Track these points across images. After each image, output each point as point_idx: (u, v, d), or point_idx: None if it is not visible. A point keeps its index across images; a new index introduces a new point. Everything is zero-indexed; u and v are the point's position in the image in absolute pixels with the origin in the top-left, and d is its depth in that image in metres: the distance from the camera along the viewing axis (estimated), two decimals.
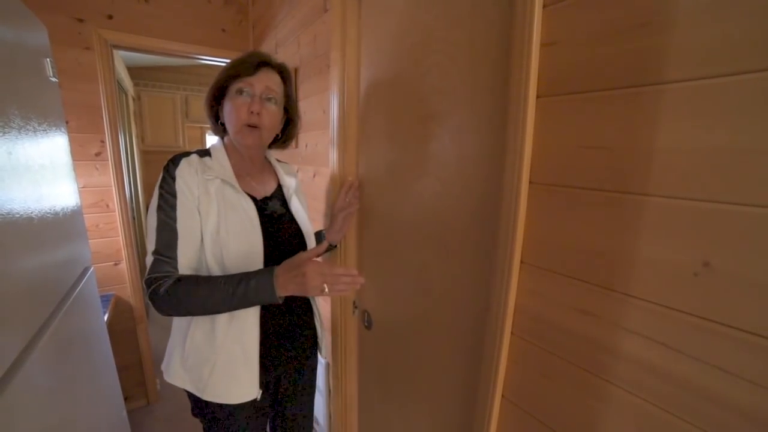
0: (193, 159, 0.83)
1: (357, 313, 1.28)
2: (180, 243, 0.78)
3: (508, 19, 0.57)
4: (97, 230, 1.72)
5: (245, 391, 0.85)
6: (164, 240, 0.77)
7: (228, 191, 0.83)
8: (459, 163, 0.74)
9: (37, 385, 0.62)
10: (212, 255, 0.81)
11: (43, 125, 0.80)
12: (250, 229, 0.83)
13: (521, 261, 0.58)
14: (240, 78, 0.83)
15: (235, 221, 0.82)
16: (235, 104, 0.83)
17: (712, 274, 0.37)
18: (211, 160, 0.86)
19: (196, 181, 0.80)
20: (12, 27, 0.70)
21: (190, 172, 0.80)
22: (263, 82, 0.85)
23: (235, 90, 0.83)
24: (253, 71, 0.84)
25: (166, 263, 0.77)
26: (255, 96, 0.84)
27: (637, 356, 0.44)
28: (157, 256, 0.77)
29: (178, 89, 3.72)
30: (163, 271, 0.76)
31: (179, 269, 0.78)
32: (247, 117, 0.83)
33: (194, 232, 0.79)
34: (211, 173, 0.83)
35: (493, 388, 0.63)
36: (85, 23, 1.55)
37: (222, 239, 0.80)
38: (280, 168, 1.01)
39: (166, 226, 0.77)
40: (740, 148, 0.35)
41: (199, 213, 0.80)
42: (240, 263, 0.82)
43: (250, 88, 0.83)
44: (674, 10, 0.38)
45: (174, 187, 0.78)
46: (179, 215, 0.78)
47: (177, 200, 0.78)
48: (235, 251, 0.81)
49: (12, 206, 0.60)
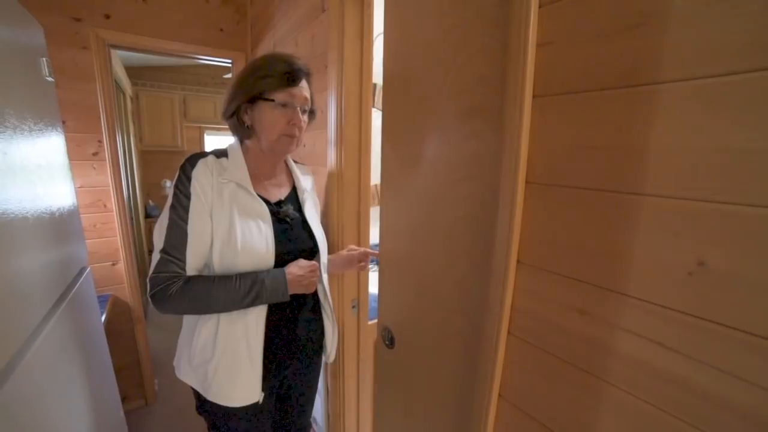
0: (210, 160, 0.83)
1: (355, 313, 1.28)
2: (189, 245, 0.78)
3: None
4: (95, 230, 1.71)
5: (248, 393, 0.85)
6: (173, 240, 0.77)
7: (242, 195, 0.84)
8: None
9: (33, 385, 0.62)
10: (221, 259, 0.81)
11: (38, 125, 0.80)
12: (261, 236, 0.84)
13: (518, 261, 0.58)
14: (282, 89, 0.82)
15: (247, 227, 0.82)
16: (277, 115, 0.83)
17: (707, 274, 0.37)
18: (228, 162, 0.86)
19: (210, 184, 0.80)
20: (8, 26, 0.70)
21: (206, 175, 0.81)
22: (303, 94, 0.86)
23: (278, 101, 0.82)
24: (297, 83, 0.84)
25: (173, 263, 0.77)
26: (296, 108, 0.85)
27: (633, 355, 0.44)
28: (165, 255, 0.77)
29: (176, 89, 3.72)
30: (169, 271, 0.77)
31: (187, 270, 0.79)
32: (288, 128, 0.84)
33: (204, 236, 0.79)
34: (227, 176, 0.83)
35: (490, 388, 0.63)
36: (82, 23, 1.54)
37: (233, 246, 0.80)
38: (296, 169, 1.01)
39: (177, 227, 0.78)
40: (734, 147, 0.35)
41: (211, 217, 0.80)
42: (249, 269, 0.83)
43: (293, 99, 0.84)
44: (668, 10, 0.38)
45: (189, 189, 0.79)
46: (191, 217, 0.78)
47: (190, 202, 0.78)
48: (246, 257, 0.81)
49: (7, 206, 0.60)
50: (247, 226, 0.82)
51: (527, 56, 0.51)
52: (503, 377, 0.63)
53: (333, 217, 1.20)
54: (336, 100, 1.11)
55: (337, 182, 1.16)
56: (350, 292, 1.25)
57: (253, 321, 0.83)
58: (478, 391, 0.66)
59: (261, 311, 0.84)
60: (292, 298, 0.87)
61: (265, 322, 0.85)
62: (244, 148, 0.90)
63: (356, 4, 1.07)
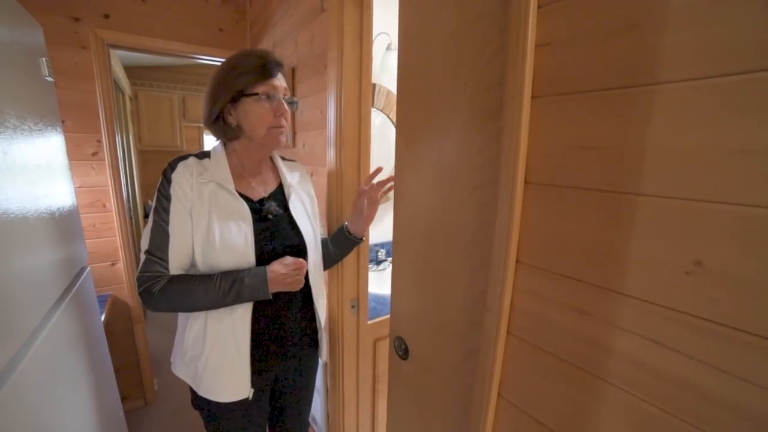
0: (190, 162, 0.85)
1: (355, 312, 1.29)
2: (171, 245, 0.80)
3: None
4: (94, 230, 1.71)
5: (237, 389, 0.86)
6: (157, 241, 0.80)
7: (222, 195, 0.84)
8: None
9: (33, 385, 0.62)
10: (203, 258, 0.82)
11: (38, 125, 0.80)
12: (240, 234, 0.83)
13: (517, 260, 0.58)
14: (263, 82, 0.82)
15: (225, 226, 0.82)
16: (263, 108, 0.83)
17: (704, 273, 0.38)
18: (209, 162, 0.87)
19: (190, 185, 0.82)
20: (7, 26, 0.70)
21: (186, 176, 0.82)
22: (282, 84, 0.86)
23: (260, 94, 0.82)
24: (275, 74, 0.84)
25: (157, 263, 0.79)
26: (280, 98, 0.85)
27: (632, 355, 0.45)
28: (149, 256, 0.80)
29: (175, 89, 3.71)
30: (153, 271, 0.79)
31: (170, 270, 0.80)
32: (276, 120, 0.85)
33: (185, 236, 0.81)
34: (207, 176, 0.84)
35: (489, 387, 0.63)
36: (81, 22, 1.54)
37: (212, 244, 0.81)
38: (282, 165, 1.00)
39: (159, 228, 0.80)
40: (731, 148, 0.35)
41: (191, 217, 0.81)
42: (231, 267, 0.83)
43: (275, 90, 0.84)
44: (666, 11, 0.39)
45: (169, 191, 0.81)
46: (172, 218, 0.80)
47: (171, 204, 0.80)
48: (226, 256, 0.82)
49: (8, 206, 0.60)
50: (225, 224, 0.82)
51: (526, 57, 0.51)
52: (502, 376, 0.63)
53: (333, 217, 1.20)
54: (335, 100, 1.12)
55: (337, 182, 1.16)
56: (350, 292, 1.26)
57: (239, 318, 0.84)
58: (477, 390, 0.66)
59: (246, 309, 0.85)
60: (281, 295, 0.88)
61: (252, 319, 0.85)
62: (230, 149, 0.90)
63: (356, 5, 1.07)
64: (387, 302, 1.55)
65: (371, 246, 1.18)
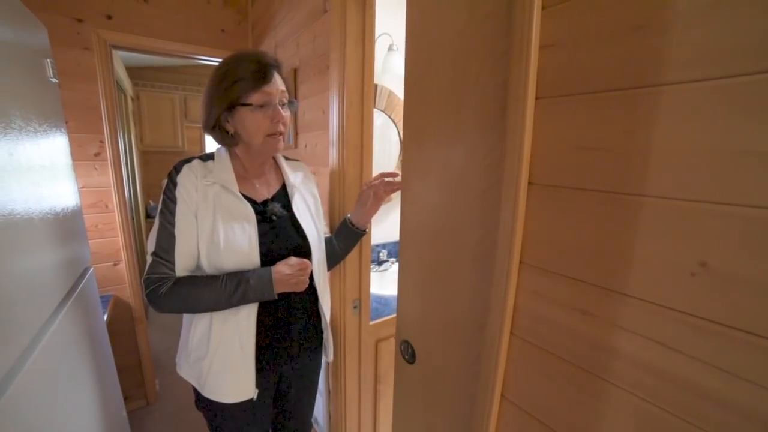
0: (195, 164, 0.85)
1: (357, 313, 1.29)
2: (177, 247, 0.80)
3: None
4: (96, 230, 1.72)
5: (241, 390, 0.86)
6: (163, 243, 0.80)
7: (226, 197, 0.84)
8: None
9: (38, 385, 0.63)
10: (208, 260, 0.82)
11: (43, 126, 0.80)
12: (245, 236, 0.84)
13: (520, 261, 0.58)
14: (256, 90, 0.80)
15: (230, 228, 0.83)
16: (258, 117, 0.81)
17: (709, 274, 0.38)
18: (213, 164, 0.87)
19: (195, 187, 0.82)
20: (12, 27, 0.70)
21: (190, 178, 0.82)
22: (279, 88, 0.83)
23: (256, 103, 0.80)
24: (270, 78, 0.81)
25: (163, 265, 0.80)
26: (276, 105, 0.82)
27: (635, 356, 0.45)
28: (156, 258, 0.80)
29: (177, 89, 3.72)
30: (160, 272, 0.79)
31: (176, 271, 0.81)
32: (272, 127, 0.83)
33: (190, 237, 0.81)
34: (211, 178, 0.84)
35: (492, 388, 0.63)
36: (84, 23, 1.55)
37: (216, 246, 0.81)
38: (285, 165, 1.00)
39: (165, 230, 0.81)
40: (736, 149, 0.35)
41: (196, 219, 0.81)
42: (236, 268, 0.84)
43: (270, 98, 0.81)
44: (671, 12, 0.39)
45: (174, 193, 0.81)
46: (177, 220, 0.80)
47: (176, 206, 0.81)
48: (230, 257, 0.82)
49: (13, 207, 0.61)
50: (230, 226, 0.83)
51: (530, 58, 0.51)
52: (505, 377, 0.63)
53: (335, 217, 1.20)
54: (338, 101, 1.12)
55: (339, 182, 1.17)
56: (352, 293, 1.26)
57: (244, 319, 0.84)
58: (480, 391, 0.66)
59: (252, 309, 0.85)
60: (286, 295, 0.88)
61: (257, 320, 0.86)
62: (232, 152, 0.91)
63: (358, 5, 1.07)
64: (389, 303, 1.55)
65: (373, 246, 1.18)
